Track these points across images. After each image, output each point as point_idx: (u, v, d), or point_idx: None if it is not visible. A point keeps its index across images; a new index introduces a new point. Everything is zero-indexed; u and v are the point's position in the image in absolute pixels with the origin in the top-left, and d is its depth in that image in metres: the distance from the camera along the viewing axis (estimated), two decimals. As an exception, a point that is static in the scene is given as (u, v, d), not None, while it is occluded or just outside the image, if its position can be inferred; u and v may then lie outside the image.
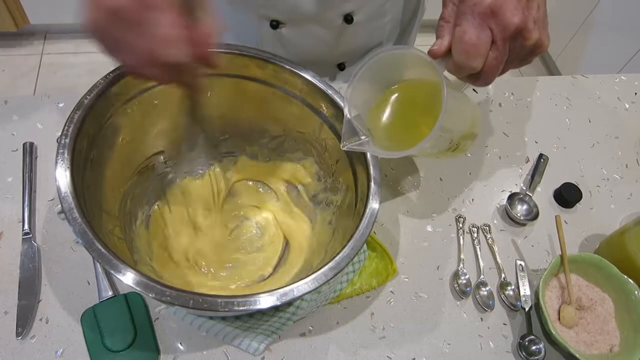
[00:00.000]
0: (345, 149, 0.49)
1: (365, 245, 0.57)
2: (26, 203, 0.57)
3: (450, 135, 0.50)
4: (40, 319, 0.51)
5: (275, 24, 0.65)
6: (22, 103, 0.67)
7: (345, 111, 0.50)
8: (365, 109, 0.52)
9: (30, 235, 0.55)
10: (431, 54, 0.44)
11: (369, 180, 0.48)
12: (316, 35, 0.67)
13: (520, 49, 0.43)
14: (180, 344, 0.51)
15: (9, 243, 0.55)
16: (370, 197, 0.47)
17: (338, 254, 0.43)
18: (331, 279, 0.41)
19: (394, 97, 0.52)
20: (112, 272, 0.38)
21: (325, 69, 0.75)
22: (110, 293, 0.52)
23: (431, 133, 0.42)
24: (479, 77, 0.44)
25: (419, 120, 0.52)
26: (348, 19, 0.65)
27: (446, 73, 0.45)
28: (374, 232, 0.61)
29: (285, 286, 0.40)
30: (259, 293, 0.39)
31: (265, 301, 0.39)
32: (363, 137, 0.49)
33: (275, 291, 0.40)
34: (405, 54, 0.47)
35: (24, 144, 0.61)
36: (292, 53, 0.69)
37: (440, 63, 0.44)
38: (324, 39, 0.68)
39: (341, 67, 0.75)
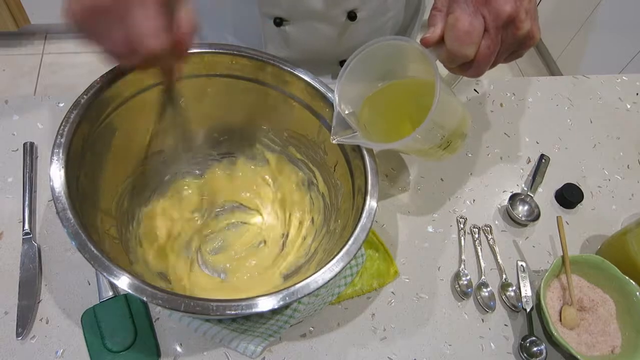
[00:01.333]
0: (335, 142, 0.49)
1: (362, 249, 0.57)
2: (26, 203, 0.57)
3: (442, 130, 0.50)
4: (41, 319, 0.51)
5: (279, 22, 0.65)
6: (22, 103, 0.66)
7: (335, 104, 0.49)
8: (357, 102, 0.52)
9: (31, 236, 0.55)
10: (424, 42, 0.44)
11: (366, 183, 0.48)
12: (319, 33, 0.67)
13: (512, 39, 0.43)
14: (181, 344, 0.51)
15: (9, 243, 0.55)
16: (368, 198, 0.47)
17: (334, 257, 0.42)
18: (327, 282, 0.41)
19: (387, 94, 0.52)
20: (104, 274, 0.37)
21: (326, 66, 0.75)
22: (110, 293, 0.52)
23: (423, 124, 0.42)
24: (471, 67, 0.44)
25: (409, 115, 0.52)
26: (351, 15, 0.65)
27: (439, 68, 0.45)
28: (379, 232, 0.61)
29: (281, 290, 0.40)
30: (254, 297, 0.39)
31: (260, 305, 0.39)
32: (354, 131, 0.49)
33: (271, 295, 0.39)
34: (397, 44, 0.47)
35: (25, 144, 0.61)
36: (295, 50, 0.69)
37: (432, 52, 0.44)
38: (327, 36, 0.68)
39: (342, 64, 0.75)
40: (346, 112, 0.50)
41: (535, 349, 0.55)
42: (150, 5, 0.37)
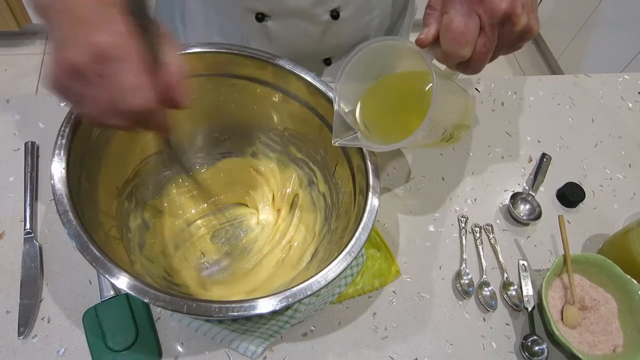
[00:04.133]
0: (337, 144, 0.49)
1: (363, 249, 0.57)
2: (28, 202, 0.57)
3: (443, 126, 0.49)
4: (42, 319, 0.51)
5: (260, 17, 0.64)
6: (24, 102, 0.66)
7: (335, 105, 0.49)
8: (356, 102, 0.52)
9: (32, 235, 0.55)
10: (419, 42, 0.44)
11: (367, 182, 0.48)
12: (302, 30, 0.66)
13: (509, 35, 0.42)
14: (182, 344, 0.51)
15: (10, 242, 0.55)
16: (370, 198, 0.47)
17: (336, 257, 0.42)
18: (329, 283, 0.41)
19: (384, 89, 0.52)
20: (106, 276, 0.37)
21: (311, 64, 0.74)
22: (112, 292, 0.52)
23: (422, 125, 0.42)
24: (469, 65, 0.44)
25: (410, 111, 0.52)
26: (334, 14, 0.64)
27: (436, 62, 0.44)
28: (380, 231, 0.61)
29: (282, 291, 0.40)
30: (255, 298, 0.39)
31: (262, 306, 0.39)
32: (355, 131, 0.49)
33: (272, 296, 0.39)
34: (394, 44, 0.47)
35: (26, 144, 0.61)
36: (277, 47, 0.68)
37: (428, 52, 0.44)
38: (310, 34, 0.67)
39: (327, 62, 0.74)
40: (346, 111, 0.50)
41: (536, 348, 0.55)
42: (130, 59, 0.33)
